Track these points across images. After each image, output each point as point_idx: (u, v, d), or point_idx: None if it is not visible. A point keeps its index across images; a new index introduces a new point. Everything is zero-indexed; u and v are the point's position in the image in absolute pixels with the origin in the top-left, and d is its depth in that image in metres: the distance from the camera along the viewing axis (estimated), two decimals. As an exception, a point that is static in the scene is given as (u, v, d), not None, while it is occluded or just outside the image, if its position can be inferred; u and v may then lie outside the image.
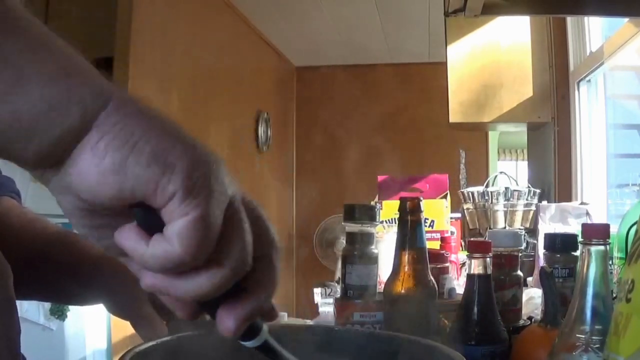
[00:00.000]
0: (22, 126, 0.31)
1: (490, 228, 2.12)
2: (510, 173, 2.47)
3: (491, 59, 2.35)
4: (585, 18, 2.27)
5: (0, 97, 0.30)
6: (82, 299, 0.72)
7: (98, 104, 0.32)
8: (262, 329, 0.41)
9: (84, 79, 0.33)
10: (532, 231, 1.91)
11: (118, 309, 0.66)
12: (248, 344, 0.40)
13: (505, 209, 2.15)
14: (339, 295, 0.92)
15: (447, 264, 1.07)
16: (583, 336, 0.60)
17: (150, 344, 0.51)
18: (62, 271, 0.66)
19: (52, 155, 0.32)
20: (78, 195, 0.33)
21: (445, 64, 2.42)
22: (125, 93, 0.34)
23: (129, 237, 0.34)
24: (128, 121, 0.33)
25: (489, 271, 0.80)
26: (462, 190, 2.27)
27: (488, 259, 0.80)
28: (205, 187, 0.34)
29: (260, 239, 0.38)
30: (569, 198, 2.19)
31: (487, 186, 2.24)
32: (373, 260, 0.88)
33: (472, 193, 2.21)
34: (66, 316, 2.06)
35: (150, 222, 0.34)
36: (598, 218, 1.82)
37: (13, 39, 0.31)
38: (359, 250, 0.87)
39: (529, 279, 1.46)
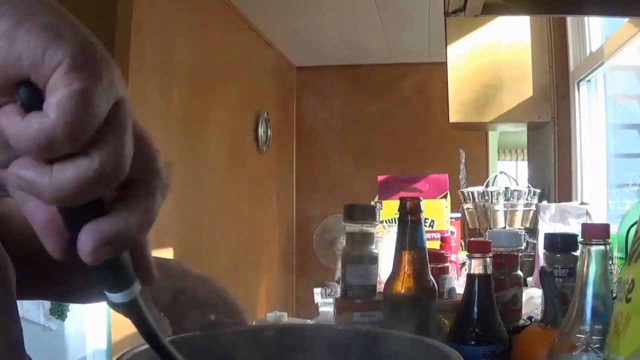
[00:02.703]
0: None
1: (490, 228, 2.12)
2: (510, 173, 2.47)
3: (491, 58, 2.35)
4: (585, 18, 2.27)
5: None
6: (84, 297, 0.72)
7: None
8: (133, 283, 0.37)
9: None
10: (532, 231, 1.91)
11: (120, 307, 0.67)
12: (114, 297, 0.36)
13: (505, 209, 2.16)
14: (339, 295, 0.92)
15: (447, 264, 1.07)
16: (583, 336, 0.60)
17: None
18: (65, 269, 0.66)
19: None
20: None
21: (445, 63, 2.42)
22: None
23: (6, 114, 0.32)
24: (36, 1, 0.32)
25: (489, 271, 0.80)
26: (462, 190, 2.27)
27: (488, 259, 0.80)
28: (95, 65, 0.32)
29: (143, 161, 0.35)
30: (569, 198, 2.19)
31: (487, 186, 2.25)
32: (373, 260, 0.88)
33: (472, 193, 2.21)
34: (66, 316, 2.06)
35: (33, 102, 0.31)
36: (598, 218, 1.82)
37: None
38: (359, 250, 0.87)
39: (529, 279, 1.46)
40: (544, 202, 1.90)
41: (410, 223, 0.82)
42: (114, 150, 0.32)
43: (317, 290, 1.59)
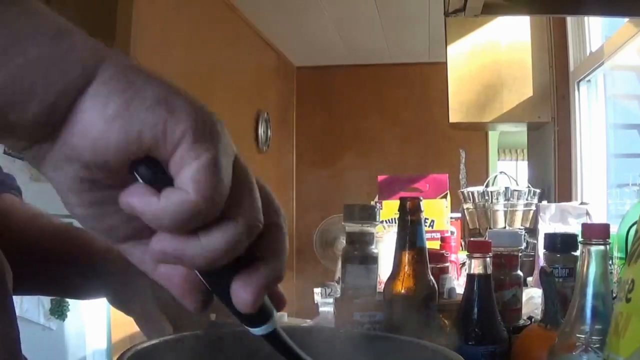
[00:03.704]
0: (22, 85, 0.30)
1: (490, 228, 2.12)
2: (510, 173, 2.47)
3: (491, 58, 2.35)
4: (585, 18, 2.27)
5: None
6: (85, 293, 0.72)
7: (97, 57, 0.32)
8: (272, 315, 0.38)
9: (80, 38, 0.32)
10: (532, 231, 1.91)
11: (121, 304, 0.67)
12: (257, 330, 0.38)
13: (505, 208, 2.16)
14: (339, 295, 0.92)
15: (447, 264, 1.07)
16: (583, 336, 0.60)
17: (151, 342, 0.51)
18: (66, 265, 0.66)
19: (52, 115, 0.31)
20: (79, 161, 0.31)
21: (445, 64, 2.42)
22: (121, 51, 0.33)
23: (137, 194, 0.32)
24: (129, 71, 0.32)
25: (489, 271, 0.80)
26: (462, 190, 2.28)
27: (488, 259, 0.80)
28: (213, 131, 0.32)
29: (267, 206, 0.36)
30: (569, 198, 2.19)
31: (487, 186, 2.25)
32: (373, 260, 0.88)
33: (472, 193, 2.21)
34: (66, 316, 2.06)
35: (157, 178, 0.32)
36: (598, 218, 1.82)
37: (6, 6, 0.30)
38: (359, 250, 0.87)
39: (529, 279, 1.46)
40: (544, 202, 1.90)
41: (410, 223, 0.82)
42: (251, 206, 0.34)
43: (317, 290, 1.58)
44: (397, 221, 0.86)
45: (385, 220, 1.59)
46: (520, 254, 0.94)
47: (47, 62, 0.30)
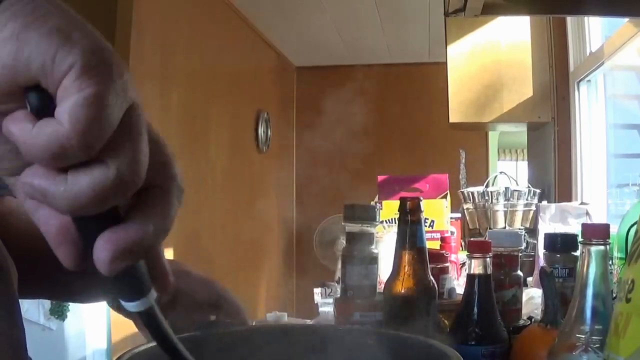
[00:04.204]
0: None
1: (490, 228, 2.12)
2: (510, 173, 2.47)
3: (491, 59, 2.35)
4: (585, 18, 2.27)
5: None
6: (86, 296, 0.72)
7: None
8: (149, 291, 0.36)
9: None
10: (532, 231, 1.91)
11: (121, 307, 0.67)
12: (130, 305, 0.35)
13: (505, 209, 2.16)
14: (339, 295, 0.92)
15: (447, 264, 1.07)
16: (583, 336, 0.60)
17: (150, 345, 0.51)
18: (66, 269, 0.66)
19: None
20: None
21: (445, 64, 2.42)
22: None
23: (17, 121, 0.31)
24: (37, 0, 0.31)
25: (489, 271, 0.80)
26: (462, 190, 2.28)
27: (488, 259, 0.80)
28: (107, 69, 0.30)
29: (158, 166, 0.34)
30: (569, 198, 2.19)
31: (487, 186, 2.25)
32: (373, 260, 0.88)
33: (472, 193, 2.21)
34: (66, 316, 2.06)
35: (43, 108, 0.31)
36: (598, 218, 1.82)
37: None
38: (359, 250, 0.87)
39: (529, 279, 1.46)
40: (544, 202, 1.90)
41: (410, 223, 0.82)
42: (130, 157, 0.31)
43: (317, 290, 1.58)
44: (397, 221, 0.86)
45: (385, 220, 1.59)
46: (520, 254, 0.94)
47: None
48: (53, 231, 0.33)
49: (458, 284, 1.13)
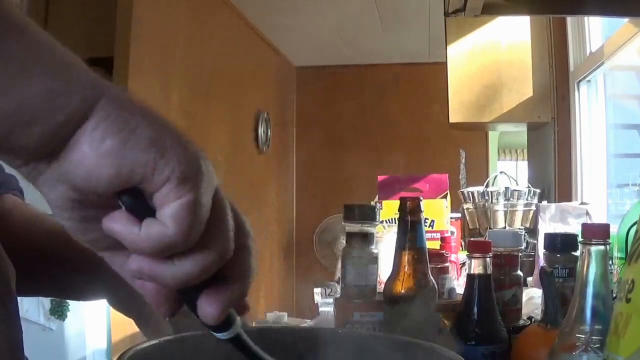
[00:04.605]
0: (27, 114, 0.33)
1: (490, 228, 2.12)
2: (510, 173, 2.47)
3: (491, 58, 2.35)
4: (585, 18, 2.27)
5: (4, 90, 0.32)
6: (86, 294, 0.72)
7: (97, 92, 0.34)
8: (235, 321, 0.41)
9: (82, 72, 0.35)
10: (532, 231, 1.91)
11: (121, 305, 0.67)
12: (221, 335, 0.41)
13: (505, 209, 2.16)
14: (339, 295, 0.92)
15: (447, 264, 1.07)
16: (583, 336, 0.60)
17: (151, 343, 0.51)
18: (67, 266, 0.66)
19: (52, 142, 0.34)
20: (71, 185, 0.34)
21: (445, 64, 2.42)
22: (118, 87, 0.36)
23: (119, 221, 0.35)
24: (125, 109, 0.35)
25: (489, 271, 0.80)
26: (462, 190, 2.28)
27: (488, 259, 0.80)
28: (199, 172, 0.35)
29: (238, 230, 0.39)
30: (569, 198, 2.19)
31: (487, 186, 2.25)
32: (373, 260, 0.88)
33: (472, 193, 2.21)
34: (66, 316, 2.06)
35: (139, 208, 0.35)
36: (598, 218, 1.82)
37: (13, 39, 0.32)
38: (359, 250, 0.87)
39: (529, 279, 1.46)
40: (544, 202, 1.90)
41: (410, 223, 0.82)
42: (223, 237, 0.37)
43: (317, 290, 1.58)
44: (397, 221, 0.86)
45: (385, 220, 1.59)
46: (520, 254, 0.94)
47: (50, 94, 0.33)
48: (151, 293, 0.39)
49: (458, 284, 1.13)
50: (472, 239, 1.20)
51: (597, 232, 0.61)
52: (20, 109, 0.32)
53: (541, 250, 1.18)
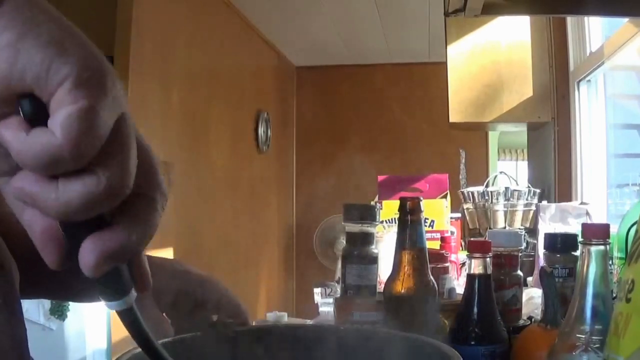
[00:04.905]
0: None
1: (490, 228, 2.12)
2: (510, 173, 2.47)
3: (491, 58, 2.35)
4: (585, 18, 2.27)
5: None
6: (87, 296, 0.72)
7: None
8: (130, 292, 0.37)
9: None
10: (532, 231, 1.91)
11: (117, 314, 0.67)
12: (111, 305, 0.37)
13: (505, 209, 2.16)
14: (339, 295, 0.92)
15: (447, 264, 1.07)
16: (583, 336, 0.60)
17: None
18: (68, 268, 0.66)
19: None
20: None
21: (445, 63, 2.42)
22: None
23: (11, 127, 0.32)
24: (33, 6, 0.31)
25: (489, 271, 0.80)
26: (462, 190, 2.28)
27: (488, 259, 0.80)
28: (100, 81, 0.32)
29: (144, 173, 0.35)
30: (569, 198, 2.19)
31: (487, 186, 2.25)
32: (373, 260, 0.88)
33: (472, 193, 2.21)
34: (66, 316, 2.06)
35: (36, 116, 0.31)
36: (598, 218, 1.82)
37: None
38: (359, 250, 0.87)
39: (529, 279, 1.46)
40: (544, 202, 1.90)
41: (410, 223, 0.82)
42: (120, 167, 0.32)
43: (317, 290, 1.58)
44: (397, 221, 0.86)
45: (385, 220, 1.59)
46: (520, 254, 0.94)
47: None
48: (38, 232, 0.35)
49: (458, 284, 1.13)
50: (472, 239, 1.20)
51: (597, 232, 0.61)
52: None
53: (541, 250, 1.18)
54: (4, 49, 0.30)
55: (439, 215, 1.66)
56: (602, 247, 0.61)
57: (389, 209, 1.59)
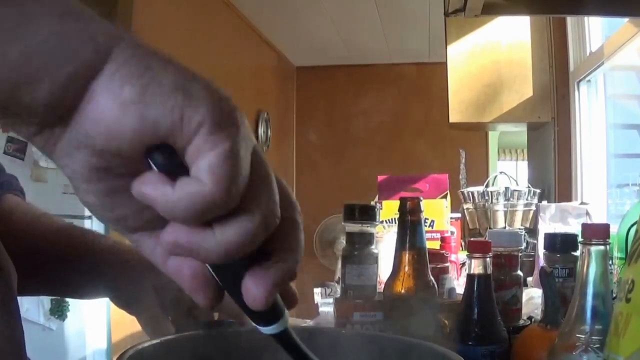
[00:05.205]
0: (33, 65, 0.29)
1: (490, 228, 2.12)
2: (510, 173, 2.47)
3: (491, 58, 2.35)
4: (585, 18, 2.27)
5: (7, 37, 0.28)
6: (88, 293, 0.72)
7: (111, 39, 0.30)
8: (283, 314, 0.37)
9: (94, 18, 0.31)
10: (532, 231, 1.91)
11: (124, 304, 0.67)
12: (267, 329, 0.37)
13: (505, 209, 2.16)
14: (339, 295, 0.92)
15: (447, 264, 1.07)
16: (583, 336, 0.60)
17: (152, 342, 0.51)
18: (69, 265, 0.66)
19: (64, 99, 0.30)
20: (92, 148, 0.30)
21: (445, 64, 2.42)
22: (136, 35, 0.32)
23: (150, 183, 0.31)
24: (144, 56, 0.30)
25: (489, 271, 0.80)
26: (462, 190, 2.28)
27: (488, 259, 0.80)
28: (233, 119, 0.31)
29: (284, 200, 0.35)
30: (569, 198, 2.19)
31: (487, 186, 2.25)
32: (373, 260, 0.88)
33: (472, 193, 2.21)
34: (66, 316, 2.06)
35: (172, 167, 0.31)
36: (598, 218, 1.82)
37: None
38: (359, 250, 0.87)
39: (529, 279, 1.46)
40: (544, 202, 1.90)
41: (410, 223, 0.82)
42: (268, 200, 0.32)
43: (317, 290, 1.58)
44: (397, 221, 0.86)
45: (385, 220, 1.59)
46: (520, 254, 0.94)
47: (57, 41, 0.29)
48: (188, 278, 0.34)
49: (458, 284, 1.13)
50: (472, 239, 1.20)
51: (597, 232, 0.61)
52: (24, 61, 0.28)
53: (541, 250, 1.18)
54: (130, 105, 0.29)
55: (439, 215, 1.65)
56: (602, 247, 0.61)
57: (389, 209, 1.59)
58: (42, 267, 0.66)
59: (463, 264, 1.39)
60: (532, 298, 1.12)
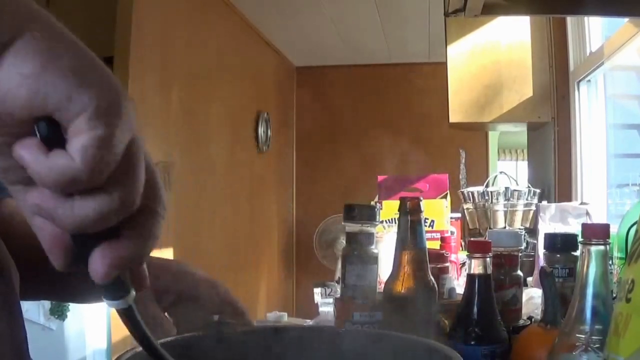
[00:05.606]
0: None
1: (490, 228, 2.12)
2: (510, 173, 2.47)
3: (491, 59, 2.35)
4: (585, 18, 2.27)
5: None
6: (88, 297, 0.72)
7: (26, 17, 0.34)
8: (130, 291, 0.40)
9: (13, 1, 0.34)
10: (532, 231, 1.91)
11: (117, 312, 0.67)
12: (112, 304, 0.40)
13: (505, 209, 2.16)
14: (339, 295, 0.92)
15: (447, 264, 1.07)
16: (583, 336, 0.60)
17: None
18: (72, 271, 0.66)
19: None
20: None
21: (445, 64, 2.42)
22: (52, 16, 0.35)
23: (29, 148, 0.34)
24: (53, 35, 0.34)
25: (489, 271, 0.80)
26: (462, 190, 2.28)
27: (488, 259, 0.80)
28: (117, 110, 0.34)
29: (150, 190, 0.38)
30: (569, 198, 2.19)
31: (487, 186, 2.25)
32: (373, 260, 0.88)
33: (472, 193, 2.21)
34: (66, 316, 2.06)
35: (53, 138, 0.34)
36: (598, 218, 1.82)
37: None
38: (359, 250, 0.87)
39: (529, 279, 1.46)
40: (544, 202, 1.90)
41: (410, 223, 0.82)
42: (130, 185, 0.36)
43: (317, 290, 1.58)
44: (397, 221, 0.86)
45: (385, 220, 1.59)
46: (520, 254, 0.94)
47: None
48: (48, 237, 0.37)
49: (458, 284, 1.13)
50: (472, 239, 1.20)
51: (597, 232, 0.61)
52: None
53: (541, 250, 1.18)
54: (26, 78, 0.33)
55: (439, 215, 1.66)
56: (602, 247, 0.61)
57: (389, 209, 1.59)
58: (43, 272, 0.66)
59: (463, 264, 1.39)
60: (532, 298, 1.12)
